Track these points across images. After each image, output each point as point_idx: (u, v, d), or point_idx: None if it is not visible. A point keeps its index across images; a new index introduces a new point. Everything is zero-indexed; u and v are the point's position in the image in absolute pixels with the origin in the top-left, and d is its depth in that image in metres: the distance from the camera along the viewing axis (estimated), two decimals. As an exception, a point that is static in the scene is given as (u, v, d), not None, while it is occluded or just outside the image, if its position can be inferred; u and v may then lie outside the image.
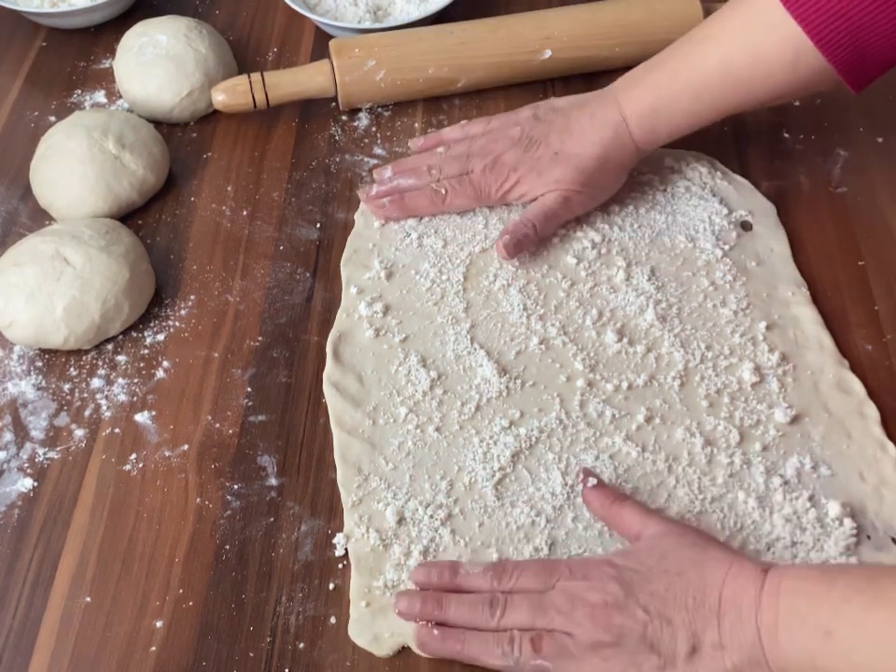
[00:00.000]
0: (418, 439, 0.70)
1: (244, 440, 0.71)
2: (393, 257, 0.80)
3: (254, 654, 0.61)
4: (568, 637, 0.57)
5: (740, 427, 0.69)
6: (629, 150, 0.78)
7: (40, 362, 0.75)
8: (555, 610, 0.58)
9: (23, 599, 0.64)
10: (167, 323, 0.78)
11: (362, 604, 0.62)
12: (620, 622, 0.56)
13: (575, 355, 0.74)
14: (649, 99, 0.76)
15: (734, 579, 0.56)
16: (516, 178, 0.78)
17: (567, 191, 0.78)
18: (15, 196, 0.87)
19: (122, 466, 0.70)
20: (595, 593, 0.57)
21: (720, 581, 0.56)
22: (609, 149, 0.77)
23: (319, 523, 0.67)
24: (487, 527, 0.65)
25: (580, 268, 0.79)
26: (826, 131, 0.89)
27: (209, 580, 0.64)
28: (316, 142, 0.90)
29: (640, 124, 0.77)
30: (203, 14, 1.02)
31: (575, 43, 0.91)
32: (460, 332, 0.75)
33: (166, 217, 0.85)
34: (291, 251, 0.82)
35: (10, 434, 0.71)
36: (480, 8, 0.98)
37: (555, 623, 0.58)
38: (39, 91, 0.96)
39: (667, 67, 0.76)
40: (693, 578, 0.57)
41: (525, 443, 0.69)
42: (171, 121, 0.91)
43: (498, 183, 0.79)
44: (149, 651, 0.62)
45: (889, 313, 0.76)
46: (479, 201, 0.80)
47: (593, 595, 0.57)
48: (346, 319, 0.76)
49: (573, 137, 0.77)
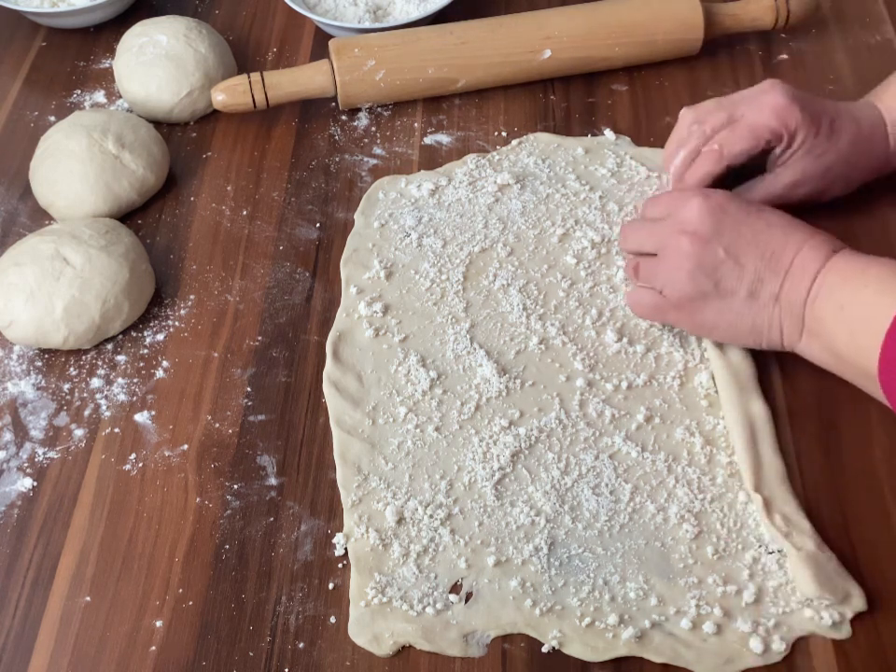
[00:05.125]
0: (418, 438, 0.70)
1: (243, 439, 0.71)
2: (393, 256, 0.80)
3: (254, 654, 0.61)
4: (658, 260, 0.70)
5: (740, 426, 0.70)
6: (880, 157, 0.78)
7: (40, 362, 0.75)
8: (659, 236, 0.71)
9: (23, 599, 0.64)
10: (167, 323, 0.78)
11: (362, 604, 0.62)
12: (700, 252, 0.67)
13: (575, 354, 0.74)
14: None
15: (810, 249, 0.65)
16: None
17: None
18: (15, 196, 0.87)
19: (122, 465, 0.70)
20: (691, 222, 0.68)
21: (797, 246, 0.66)
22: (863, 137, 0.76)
23: (319, 522, 0.67)
24: (487, 527, 0.65)
25: (579, 268, 0.79)
26: (826, 130, 0.89)
27: (209, 579, 0.64)
28: (316, 142, 0.90)
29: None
30: (202, 14, 1.02)
31: (575, 43, 0.91)
32: (460, 332, 0.75)
33: (166, 217, 0.85)
34: (291, 251, 0.82)
35: (10, 434, 0.71)
36: (480, 8, 0.98)
37: (657, 246, 0.70)
38: (39, 91, 0.96)
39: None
40: (778, 235, 0.66)
41: (524, 443, 0.69)
42: (171, 121, 0.91)
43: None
44: (149, 651, 0.62)
45: (888, 312, 0.76)
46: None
47: (689, 224, 0.68)
48: (346, 319, 0.76)
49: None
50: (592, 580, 0.63)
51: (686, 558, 0.64)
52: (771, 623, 0.61)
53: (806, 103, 0.75)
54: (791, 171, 0.76)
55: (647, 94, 0.93)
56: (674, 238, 0.69)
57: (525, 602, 0.62)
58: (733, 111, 0.76)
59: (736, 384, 0.70)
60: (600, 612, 0.62)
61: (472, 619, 0.62)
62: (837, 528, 0.65)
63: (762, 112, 0.74)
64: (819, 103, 0.76)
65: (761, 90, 0.76)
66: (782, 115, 0.74)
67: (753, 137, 0.74)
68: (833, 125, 0.75)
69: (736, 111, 0.76)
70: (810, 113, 0.74)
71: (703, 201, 0.68)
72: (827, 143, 0.75)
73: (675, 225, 0.69)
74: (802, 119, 0.74)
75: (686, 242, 0.68)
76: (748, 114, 0.75)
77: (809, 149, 0.75)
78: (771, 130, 0.74)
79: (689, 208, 0.69)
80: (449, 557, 0.64)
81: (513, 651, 0.61)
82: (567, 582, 0.63)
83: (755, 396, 0.70)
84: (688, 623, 0.61)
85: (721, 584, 0.63)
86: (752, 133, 0.74)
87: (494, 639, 0.62)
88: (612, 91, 0.93)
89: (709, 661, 0.60)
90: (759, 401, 0.70)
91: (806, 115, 0.74)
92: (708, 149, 0.76)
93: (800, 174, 0.76)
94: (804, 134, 0.74)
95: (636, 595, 0.63)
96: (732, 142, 0.75)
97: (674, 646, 0.61)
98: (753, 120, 0.75)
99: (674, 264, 0.68)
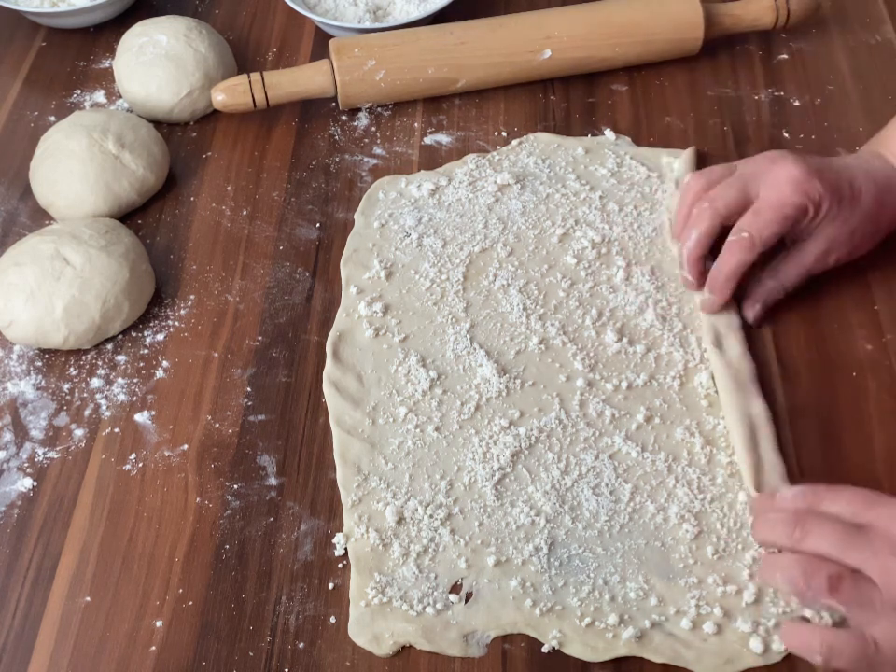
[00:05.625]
0: (418, 438, 0.70)
1: (243, 439, 0.71)
2: (393, 256, 0.80)
3: (254, 654, 0.61)
4: (874, 587, 0.52)
5: (740, 426, 0.70)
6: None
7: (40, 362, 0.75)
8: (871, 551, 0.52)
9: (23, 599, 0.64)
10: (167, 323, 0.78)
11: (362, 604, 0.62)
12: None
13: (575, 354, 0.74)
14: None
15: None
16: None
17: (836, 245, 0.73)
18: (15, 196, 0.87)
19: (122, 465, 0.70)
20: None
21: None
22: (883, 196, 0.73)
23: (319, 522, 0.67)
24: (487, 527, 0.65)
25: (579, 268, 0.79)
26: (826, 131, 0.89)
27: (209, 579, 0.64)
28: (316, 142, 0.90)
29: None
30: (202, 14, 1.02)
31: (575, 43, 0.91)
32: (460, 332, 0.75)
33: (166, 217, 0.85)
34: (291, 251, 0.82)
35: (10, 434, 0.71)
36: (480, 8, 0.98)
37: (866, 564, 0.52)
38: (39, 91, 0.96)
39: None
40: None
41: (524, 443, 0.69)
42: (171, 121, 0.91)
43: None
44: (149, 651, 0.62)
45: (889, 313, 0.76)
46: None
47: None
48: (346, 319, 0.76)
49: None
50: (592, 580, 0.63)
51: (686, 558, 0.64)
52: (771, 623, 0.61)
53: (823, 170, 0.71)
54: (818, 241, 0.72)
55: (647, 94, 0.93)
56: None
57: (525, 602, 0.62)
58: (746, 188, 0.72)
59: (736, 383, 0.70)
60: (600, 612, 0.62)
61: (472, 619, 0.62)
62: (837, 528, 0.65)
63: (780, 189, 0.70)
64: (833, 167, 0.72)
65: (770, 161, 0.72)
66: (803, 188, 0.70)
67: (782, 218, 0.70)
68: (853, 186, 0.71)
69: (750, 189, 0.72)
70: (829, 181, 0.71)
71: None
72: (851, 206, 0.71)
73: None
74: (824, 190, 0.70)
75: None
76: (765, 193, 0.71)
77: (835, 217, 0.71)
78: (796, 206, 0.70)
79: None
80: (449, 557, 0.64)
81: (513, 651, 0.61)
82: (567, 582, 0.63)
83: (755, 395, 0.70)
84: (688, 622, 0.61)
85: (721, 584, 0.63)
86: (779, 214, 0.70)
87: (494, 639, 0.62)
88: (612, 91, 0.93)
89: (709, 661, 0.60)
90: (759, 401, 0.70)
91: (826, 183, 0.70)
92: (738, 238, 0.71)
93: (828, 242, 0.72)
94: (828, 204, 0.70)
95: (636, 595, 0.63)
96: (761, 227, 0.70)
97: (674, 646, 0.61)
98: (776, 199, 0.70)
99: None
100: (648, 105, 0.92)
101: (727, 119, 0.90)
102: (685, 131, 0.89)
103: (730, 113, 0.91)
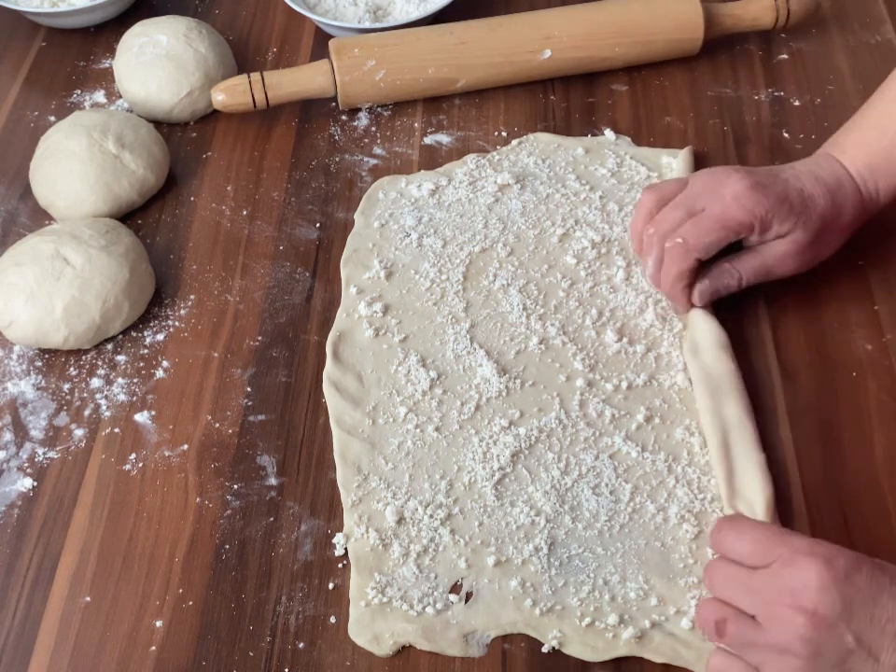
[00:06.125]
0: (418, 438, 0.70)
1: (243, 439, 0.71)
2: (393, 256, 0.80)
3: (254, 654, 0.61)
4: (759, 629, 0.54)
5: (740, 426, 0.70)
6: (856, 207, 0.74)
7: (40, 362, 0.75)
8: (761, 598, 0.54)
9: (23, 599, 0.64)
10: (167, 323, 0.78)
11: (362, 604, 0.62)
12: (822, 639, 0.52)
13: (575, 354, 0.74)
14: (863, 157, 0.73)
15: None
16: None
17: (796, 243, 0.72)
18: (15, 196, 0.87)
19: (122, 465, 0.70)
20: (809, 595, 0.52)
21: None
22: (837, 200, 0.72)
23: (319, 522, 0.67)
24: (487, 527, 0.65)
25: (579, 268, 0.79)
26: (826, 131, 0.88)
27: (209, 579, 0.64)
28: (316, 142, 0.90)
29: (864, 180, 0.73)
30: (202, 14, 1.02)
31: (575, 43, 0.91)
32: (460, 332, 0.75)
33: (166, 217, 0.85)
34: (291, 251, 0.82)
35: (10, 434, 0.71)
36: (480, 8, 0.98)
37: (757, 611, 0.55)
38: (39, 91, 0.96)
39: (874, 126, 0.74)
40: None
41: (524, 443, 0.69)
42: (171, 121, 0.91)
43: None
44: (149, 651, 0.62)
45: (889, 313, 0.76)
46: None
47: (806, 598, 0.52)
48: (346, 319, 0.76)
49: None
50: (592, 580, 0.63)
51: (686, 558, 0.64)
52: (771, 623, 0.61)
53: (769, 184, 0.71)
54: (780, 243, 0.72)
55: (647, 94, 0.93)
56: (785, 611, 0.53)
57: (525, 602, 0.62)
58: (692, 209, 0.71)
59: (708, 388, 0.69)
60: (600, 612, 0.62)
61: (472, 619, 0.62)
62: (837, 528, 0.65)
63: (726, 205, 0.70)
64: (780, 179, 0.72)
65: (718, 180, 0.72)
66: (748, 206, 0.70)
67: (721, 229, 0.70)
68: (804, 193, 0.71)
69: (696, 208, 0.71)
70: (776, 194, 0.70)
71: (824, 568, 0.53)
72: (805, 213, 0.71)
73: (784, 592, 0.54)
74: (770, 204, 0.70)
75: (802, 623, 0.52)
76: (710, 208, 0.71)
77: (794, 225, 0.71)
78: (739, 223, 0.70)
79: (804, 573, 0.53)
80: (449, 557, 0.64)
81: (513, 651, 0.61)
82: (567, 582, 0.63)
83: (730, 398, 0.69)
84: (688, 622, 0.61)
85: (721, 584, 0.63)
86: (719, 224, 0.70)
87: (494, 639, 0.62)
88: (612, 91, 0.93)
89: (709, 661, 0.60)
90: (733, 404, 0.69)
91: (773, 198, 0.70)
92: (672, 244, 0.71)
93: (782, 251, 0.72)
94: (778, 216, 0.70)
95: (636, 595, 0.62)
96: (698, 234, 0.70)
97: (674, 646, 0.61)
98: (720, 212, 0.70)
99: (783, 644, 0.53)
100: (648, 105, 0.92)
101: (727, 119, 0.90)
102: (685, 131, 0.90)
103: (730, 113, 0.91)
